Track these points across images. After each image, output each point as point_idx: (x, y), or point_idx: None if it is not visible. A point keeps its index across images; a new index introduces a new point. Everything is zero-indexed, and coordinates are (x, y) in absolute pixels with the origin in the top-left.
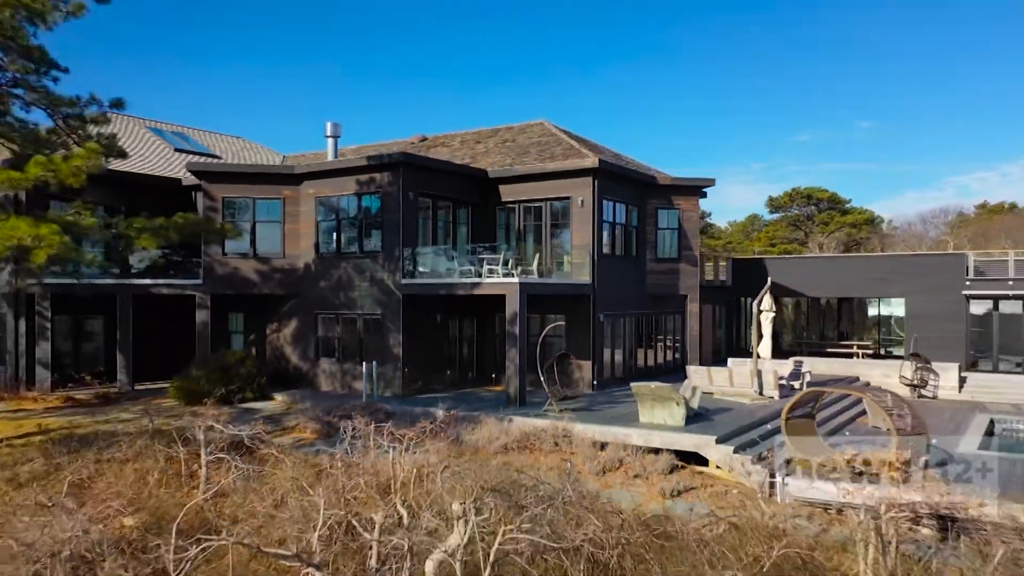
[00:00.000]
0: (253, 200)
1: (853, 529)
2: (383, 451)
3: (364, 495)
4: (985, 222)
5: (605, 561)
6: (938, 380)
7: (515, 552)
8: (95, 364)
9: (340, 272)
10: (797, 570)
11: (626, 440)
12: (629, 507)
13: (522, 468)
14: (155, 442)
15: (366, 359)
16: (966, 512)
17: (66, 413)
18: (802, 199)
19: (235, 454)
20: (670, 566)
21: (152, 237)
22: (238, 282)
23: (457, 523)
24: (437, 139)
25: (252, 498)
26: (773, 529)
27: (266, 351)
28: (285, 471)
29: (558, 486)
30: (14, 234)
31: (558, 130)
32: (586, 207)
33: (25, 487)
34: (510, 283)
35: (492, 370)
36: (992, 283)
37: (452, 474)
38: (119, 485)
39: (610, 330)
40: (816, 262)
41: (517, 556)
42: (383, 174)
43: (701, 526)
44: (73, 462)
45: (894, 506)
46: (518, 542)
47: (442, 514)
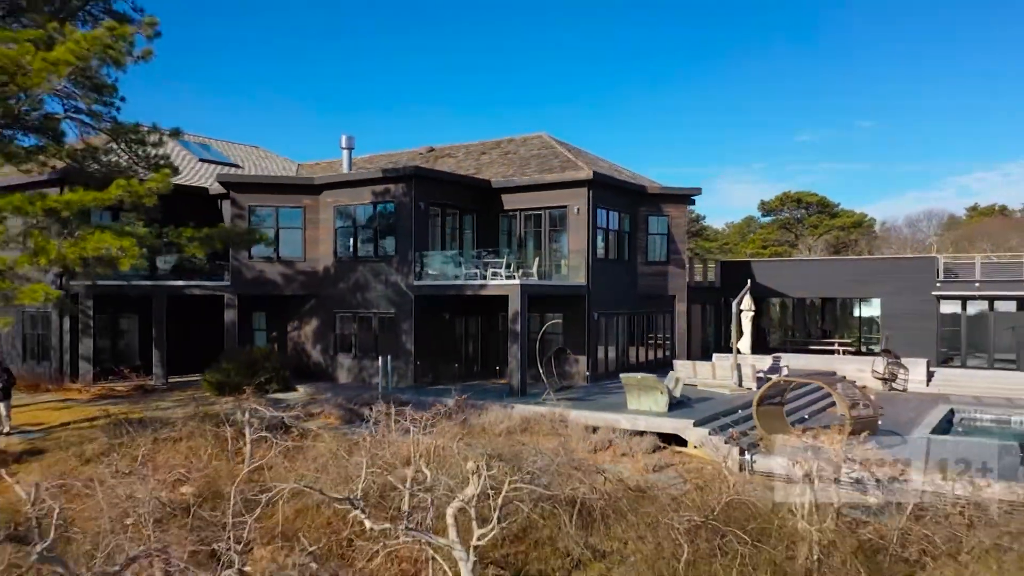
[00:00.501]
0: (277, 208)
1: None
2: (403, 432)
3: (391, 463)
4: (975, 224)
5: (589, 509)
6: (908, 374)
7: (517, 499)
8: (130, 359)
9: (356, 274)
10: (745, 519)
11: (615, 424)
12: (614, 477)
13: (523, 444)
14: (204, 424)
15: (381, 354)
16: (887, 475)
17: (110, 402)
18: (792, 203)
19: (275, 433)
20: (642, 513)
21: (200, 246)
22: (263, 284)
23: (472, 477)
24: (443, 150)
25: (295, 466)
26: (729, 490)
27: (288, 347)
28: (324, 444)
29: (554, 455)
30: (101, 245)
31: (556, 143)
32: (581, 215)
33: (92, 462)
34: (512, 284)
35: (496, 364)
36: (960, 285)
37: (465, 446)
38: (175, 460)
39: (604, 328)
40: (799, 264)
41: (520, 503)
42: (397, 185)
43: (670, 486)
44: (131, 442)
45: (828, 467)
46: (521, 491)
47: (456, 477)
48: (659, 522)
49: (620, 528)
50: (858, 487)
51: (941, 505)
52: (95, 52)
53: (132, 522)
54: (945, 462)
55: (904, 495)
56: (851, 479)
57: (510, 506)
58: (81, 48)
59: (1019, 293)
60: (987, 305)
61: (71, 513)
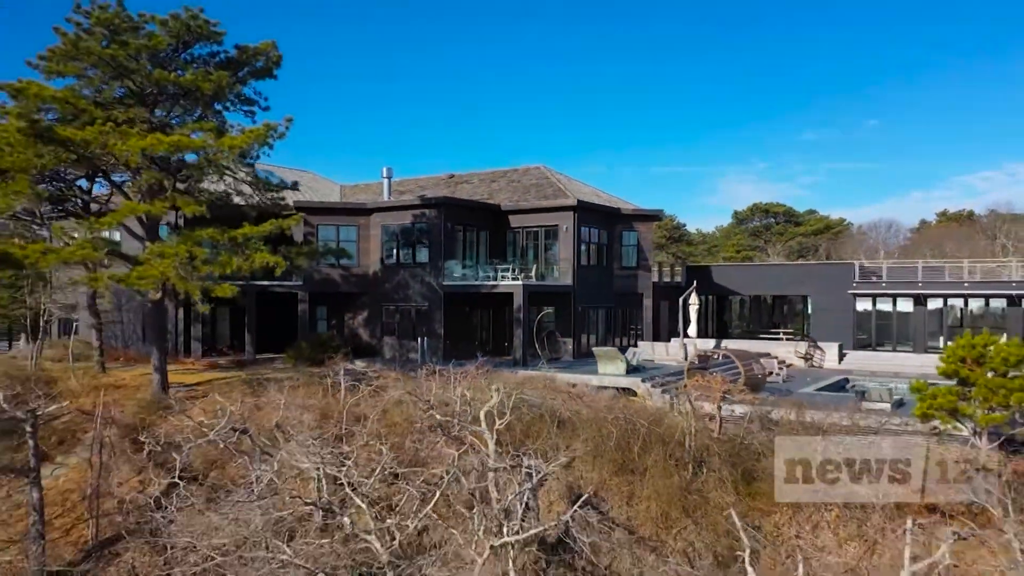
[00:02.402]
0: (338, 227)
1: (687, 413)
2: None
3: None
4: (942, 228)
5: (563, 420)
6: (824, 355)
7: (521, 406)
8: (224, 341)
9: (398, 277)
10: (653, 423)
11: (588, 382)
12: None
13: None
14: (311, 379)
15: (418, 337)
16: (743, 402)
17: (222, 370)
18: (761, 212)
19: (359, 383)
20: (594, 420)
21: (306, 259)
22: (327, 284)
23: (493, 393)
24: (462, 177)
25: (376, 401)
26: (646, 411)
27: (344, 332)
28: (399, 387)
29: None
30: (264, 260)
31: (551, 173)
32: (569, 231)
33: (241, 402)
34: (516, 284)
35: (504, 343)
36: (871, 284)
37: (488, 384)
38: (299, 399)
39: (586, 317)
40: (749, 268)
41: (520, 409)
42: (430, 209)
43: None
44: (264, 390)
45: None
46: (522, 403)
47: (484, 401)
48: (603, 421)
49: (582, 429)
50: (728, 410)
51: (782, 422)
52: (257, 140)
53: (290, 422)
54: (800, 402)
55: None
56: (729, 408)
57: (516, 411)
58: (249, 138)
59: (915, 292)
60: (891, 302)
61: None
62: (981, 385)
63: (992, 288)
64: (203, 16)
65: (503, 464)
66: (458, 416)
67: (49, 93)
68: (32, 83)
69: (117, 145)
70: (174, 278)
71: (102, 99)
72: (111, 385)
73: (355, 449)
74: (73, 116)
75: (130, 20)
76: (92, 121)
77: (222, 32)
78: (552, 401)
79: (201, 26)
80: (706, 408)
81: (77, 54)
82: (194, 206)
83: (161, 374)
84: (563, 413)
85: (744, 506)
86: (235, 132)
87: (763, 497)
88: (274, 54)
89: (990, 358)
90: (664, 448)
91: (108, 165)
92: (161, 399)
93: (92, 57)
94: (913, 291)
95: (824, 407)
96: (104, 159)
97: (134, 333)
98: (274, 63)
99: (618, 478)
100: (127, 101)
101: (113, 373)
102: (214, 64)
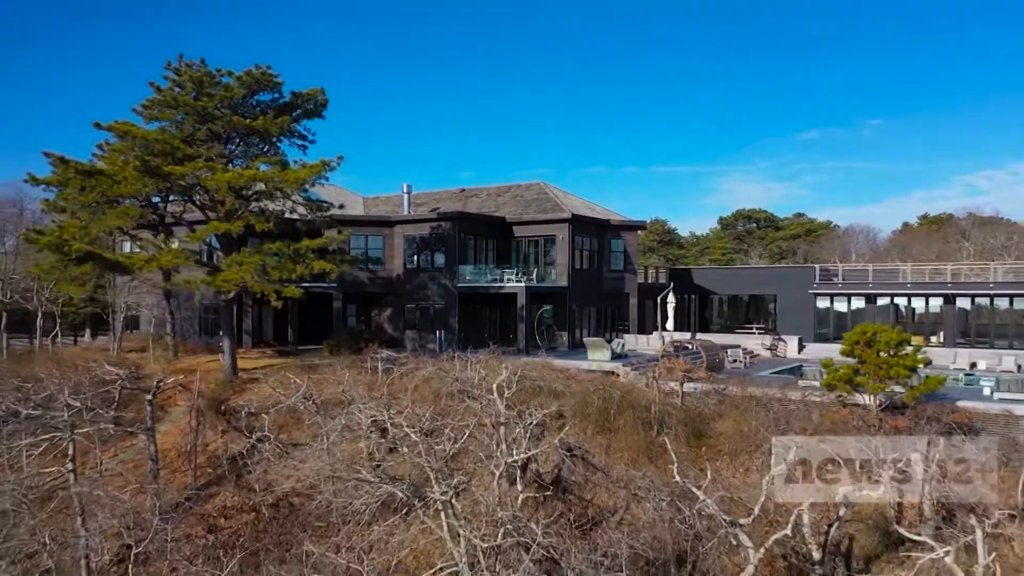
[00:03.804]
0: (366, 236)
1: (652, 387)
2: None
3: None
4: (922, 231)
5: (556, 391)
6: (787, 346)
7: (525, 379)
8: (268, 334)
9: (418, 279)
10: (626, 394)
11: (579, 366)
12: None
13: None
14: (354, 363)
15: (436, 330)
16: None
17: (272, 358)
18: (744, 218)
19: (391, 366)
20: (581, 391)
21: (348, 265)
22: (357, 285)
23: (503, 369)
24: (471, 191)
25: (405, 381)
26: (623, 386)
27: (371, 326)
28: (426, 369)
29: (542, 370)
30: (320, 266)
31: (549, 188)
32: (565, 240)
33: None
34: (519, 286)
35: (509, 335)
36: (830, 285)
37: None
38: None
39: (579, 314)
40: (726, 270)
41: (525, 383)
42: (445, 222)
43: (597, 383)
44: (316, 372)
45: (674, 378)
46: (525, 377)
47: (495, 377)
48: (588, 392)
49: (571, 398)
50: (691, 387)
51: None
52: (315, 173)
53: (347, 394)
54: (744, 380)
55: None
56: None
57: (520, 384)
58: (309, 172)
59: (866, 292)
60: (846, 301)
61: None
62: (871, 363)
63: (931, 289)
64: (270, 71)
65: (511, 414)
66: (476, 387)
67: (149, 135)
68: (134, 126)
69: (208, 179)
70: (251, 282)
71: (187, 138)
72: (186, 369)
73: (401, 410)
74: (166, 153)
75: (211, 76)
76: (181, 157)
77: (281, 82)
78: (549, 379)
79: (267, 78)
80: (671, 385)
81: (175, 104)
82: (264, 224)
83: (232, 359)
84: (557, 387)
85: (694, 455)
86: (295, 166)
87: (710, 449)
88: (322, 98)
89: (878, 342)
90: (634, 412)
91: (195, 192)
92: (232, 379)
93: (185, 107)
94: (864, 291)
95: (768, 385)
96: (195, 188)
97: (190, 328)
98: (322, 106)
99: (599, 435)
100: (207, 140)
101: (184, 360)
102: (274, 107)
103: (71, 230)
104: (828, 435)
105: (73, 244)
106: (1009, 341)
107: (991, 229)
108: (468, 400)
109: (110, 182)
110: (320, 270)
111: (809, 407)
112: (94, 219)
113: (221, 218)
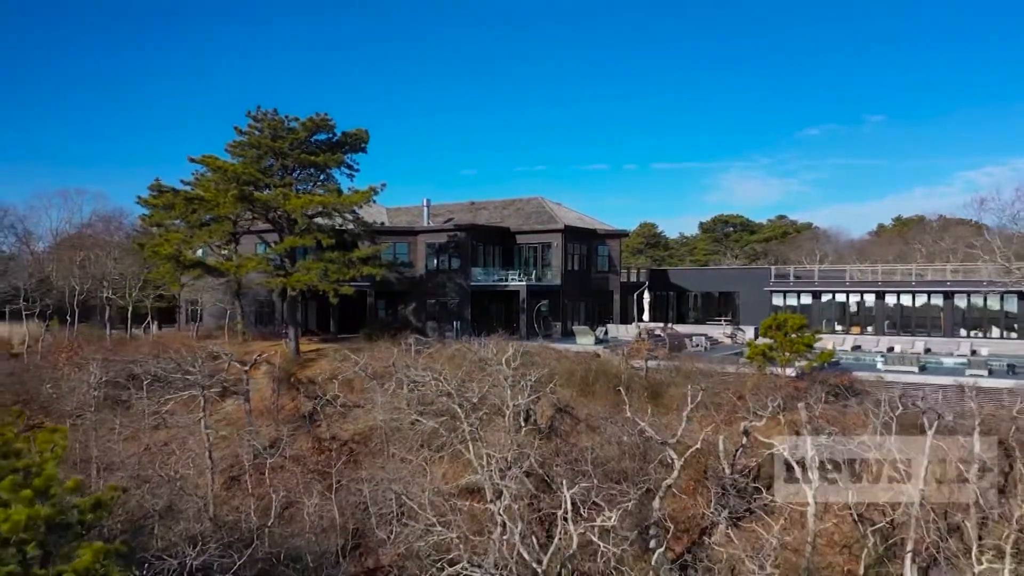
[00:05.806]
0: (395, 243)
1: (621, 362)
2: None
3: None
4: (895, 232)
5: (551, 366)
6: (744, 335)
7: (527, 355)
8: (312, 324)
9: (437, 279)
10: (601, 367)
11: (569, 348)
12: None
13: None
14: (391, 344)
15: (452, 321)
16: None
17: (319, 343)
18: (722, 223)
19: (421, 345)
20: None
21: (386, 269)
22: (387, 284)
23: (509, 347)
24: (480, 204)
25: (432, 358)
26: (601, 362)
27: (398, 318)
28: (449, 347)
29: (539, 349)
30: (368, 271)
31: (546, 203)
32: (558, 247)
33: (347, 360)
34: (521, 284)
35: (513, 325)
36: (784, 284)
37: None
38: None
39: (571, 307)
40: (698, 270)
41: (527, 357)
42: (460, 232)
43: (581, 359)
44: (359, 352)
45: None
46: (527, 354)
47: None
48: (574, 365)
49: (560, 368)
50: (655, 364)
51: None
52: (364, 198)
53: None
54: (693, 356)
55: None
56: (655, 362)
57: (523, 359)
58: (360, 197)
59: (812, 289)
60: (796, 297)
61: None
62: (780, 342)
63: (865, 287)
64: (327, 117)
65: (516, 374)
66: (490, 361)
67: (238, 168)
68: (222, 160)
69: (286, 203)
70: (317, 282)
71: (263, 170)
72: (255, 351)
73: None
74: (251, 183)
75: (282, 122)
76: (262, 186)
77: (334, 124)
78: (545, 356)
79: (324, 122)
80: (639, 362)
81: (258, 145)
82: (327, 239)
83: (295, 342)
84: (551, 363)
85: (652, 412)
86: (347, 191)
87: (663, 407)
88: (365, 136)
89: (785, 326)
90: (607, 380)
91: (271, 212)
92: (296, 358)
93: (264, 147)
94: (811, 288)
95: (717, 362)
96: (273, 210)
97: (247, 320)
98: (365, 142)
99: (581, 396)
100: (279, 172)
101: (251, 344)
102: (327, 144)
103: (173, 243)
104: (749, 394)
105: (187, 255)
106: (927, 330)
107: (962, 231)
108: (485, 367)
109: (209, 205)
110: (368, 274)
111: (741, 377)
112: (194, 234)
113: (295, 234)
